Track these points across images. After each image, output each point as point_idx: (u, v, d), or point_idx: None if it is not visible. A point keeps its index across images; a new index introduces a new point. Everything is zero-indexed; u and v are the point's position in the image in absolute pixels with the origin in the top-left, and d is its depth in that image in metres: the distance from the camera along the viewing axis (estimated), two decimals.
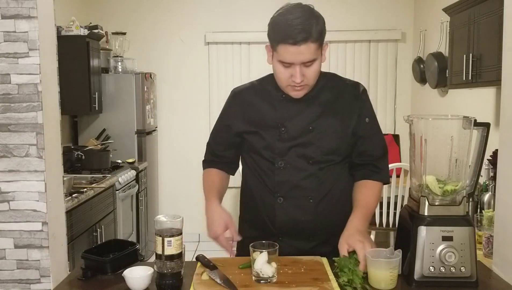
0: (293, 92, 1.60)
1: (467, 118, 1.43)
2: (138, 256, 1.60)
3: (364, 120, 1.67)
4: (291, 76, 1.55)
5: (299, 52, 1.50)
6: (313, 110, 1.64)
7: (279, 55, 1.54)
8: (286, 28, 1.49)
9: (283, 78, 1.58)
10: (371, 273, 1.41)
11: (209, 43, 5.02)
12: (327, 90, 1.67)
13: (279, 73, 1.58)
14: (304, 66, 1.53)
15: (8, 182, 1.51)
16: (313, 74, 1.57)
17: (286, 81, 1.57)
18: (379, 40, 4.95)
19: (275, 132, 1.64)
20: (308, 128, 1.63)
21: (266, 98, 1.69)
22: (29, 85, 1.49)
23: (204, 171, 1.84)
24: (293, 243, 1.65)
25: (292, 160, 1.64)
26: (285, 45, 1.50)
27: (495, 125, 2.88)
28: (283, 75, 1.57)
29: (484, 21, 2.72)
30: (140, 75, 4.41)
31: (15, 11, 1.47)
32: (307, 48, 1.50)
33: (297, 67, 1.53)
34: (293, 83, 1.56)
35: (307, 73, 1.55)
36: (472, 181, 1.51)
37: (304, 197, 1.64)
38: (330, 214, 1.66)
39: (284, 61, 1.53)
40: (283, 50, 1.51)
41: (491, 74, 2.62)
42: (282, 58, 1.53)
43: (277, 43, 1.53)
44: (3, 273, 1.54)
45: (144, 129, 4.46)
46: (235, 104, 1.74)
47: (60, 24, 3.88)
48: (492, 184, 2.67)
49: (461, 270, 1.40)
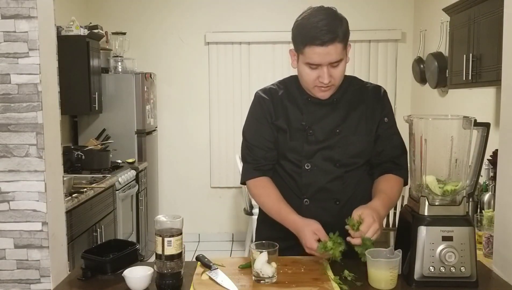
0: (320, 93, 1.62)
1: (467, 118, 1.43)
2: (138, 256, 1.60)
3: (383, 119, 1.70)
4: (318, 77, 1.57)
5: (326, 53, 1.53)
6: (338, 113, 1.67)
7: (307, 58, 1.56)
8: (313, 30, 1.52)
9: (310, 80, 1.60)
10: (371, 273, 1.41)
11: (209, 43, 5.02)
12: (350, 93, 1.70)
13: (305, 75, 1.60)
14: (331, 67, 1.56)
15: (8, 182, 1.51)
16: (339, 74, 1.59)
17: (313, 82, 1.59)
18: (379, 40, 4.95)
19: (303, 134, 1.66)
20: (335, 131, 1.65)
21: (292, 101, 1.70)
22: (29, 85, 1.49)
23: (253, 182, 1.72)
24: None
25: (319, 162, 1.65)
26: (313, 47, 1.52)
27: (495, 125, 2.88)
28: (310, 77, 1.59)
29: (484, 21, 2.72)
30: (140, 75, 4.41)
31: (15, 11, 1.47)
32: (334, 48, 1.53)
33: (325, 68, 1.55)
34: (320, 84, 1.58)
35: (334, 73, 1.57)
36: (472, 181, 1.51)
37: (330, 199, 1.66)
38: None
39: (312, 62, 1.55)
40: (311, 52, 1.53)
41: (491, 74, 2.62)
42: (309, 60, 1.55)
43: (304, 45, 1.55)
44: (3, 273, 1.54)
45: (144, 129, 4.46)
46: (265, 103, 1.71)
47: (60, 24, 3.88)
48: (492, 184, 2.67)
49: (461, 270, 1.40)
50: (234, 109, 5.05)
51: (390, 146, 1.70)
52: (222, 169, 5.08)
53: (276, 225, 1.70)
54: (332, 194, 1.66)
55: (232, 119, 5.07)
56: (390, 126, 1.72)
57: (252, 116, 1.75)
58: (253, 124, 1.74)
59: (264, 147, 1.70)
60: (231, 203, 5.22)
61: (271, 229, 1.72)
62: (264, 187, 1.70)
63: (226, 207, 5.19)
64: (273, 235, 1.65)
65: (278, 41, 4.78)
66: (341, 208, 1.66)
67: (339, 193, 1.66)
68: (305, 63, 1.58)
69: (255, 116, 1.74)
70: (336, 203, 1.67)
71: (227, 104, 5.04)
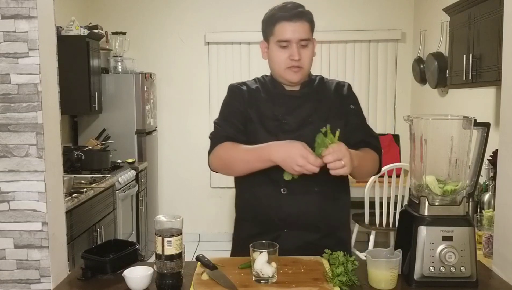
0: (291, 74, 1.67)
1: (467, 118, 1.43)
2: (138, 256, 1.60)
3: (350, 107, 1.76)
4: (289, 56, 1.64)
5: (295, 29, 1.63)
6: (309, 104, 1.73)
7: (277, 36, 1.65)
8: (281, 10, 1.66)
9: (280, 60, 1.67)
10: (371, 273, 1.41)
11: (209, 43, 5.02)
12: (318, 87, 1.78)
13: (276, 57, 1.67)
14: (301, 47, 1.65)
15: (8, 182, 1.51)
16: (308, 57, 1.68)
17: (284, 62, 1.66)
18: (379, 40, 4.95)
19: (277, 124, 1.69)
20: (308, 120, 1.70)
21: (266, 93, 1.75)
22: (29, 85, 1.49)
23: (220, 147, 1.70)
24: (299, 235, 1.67)
25: None
26: (283, 23, 1.64)
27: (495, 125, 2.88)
28: (281, 57, 1.66)
29: (484, 21, 2.72)
30: (140, 75, 4.41)
31: (15, 11, 1.47)
32: (302, 26, 1.64)
33: (294, 45, 1.64)
34: (290, 64, 1.65)
35: (303, 54, 1.65)
36: (472, 181, 1.51)
37: (309, 188, 1.66)
38: (332, 205, 1.71)
39: (283, 39, 1.64)
40: (281, 29, 1.64)
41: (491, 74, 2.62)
42: (280, 37, 1.64)
43: (274, 25, 1.66)
44: (3, 273, 1.53)
45: (144, 129, 4.46)
46: (238, 91, 1.77)
47: (60, 24, 3.88)
48: (492, 184, 2.67)
49: (461, 270, 1.40)
50: None
51: (360, 132, 1.75)
52: None
53: (255, 221, 1.72)
54: (310, 183, 1.64)
55: None
56: (357, 113, 1.78)
57: (224, 105, 1.80)
58: (224, 110, 1.78)
59: (234, 127, 1.72)
60: (231, 203, 5.20)
61: (251, 226, 1.73)
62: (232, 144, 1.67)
63: (226, 207, 5.19)
64: (253, 232, 1.68)
65: None
66: (319, 197, 1.67)
67: (316, 181, 1.63)
68: (276, 43, 1.66)
69: (227, 103, 1.79)
70: (315, 189, 1.67)
71: None
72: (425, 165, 1.45)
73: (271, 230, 1.67)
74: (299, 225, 1.67)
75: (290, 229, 1.67)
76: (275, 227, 1.68)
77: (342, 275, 1.39)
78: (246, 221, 1.78)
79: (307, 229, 1.68)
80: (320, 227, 1.69)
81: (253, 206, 1.73)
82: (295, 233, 1.67)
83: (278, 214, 1.67)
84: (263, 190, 1.69)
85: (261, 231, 1.68)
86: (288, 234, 1.67)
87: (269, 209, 1.68)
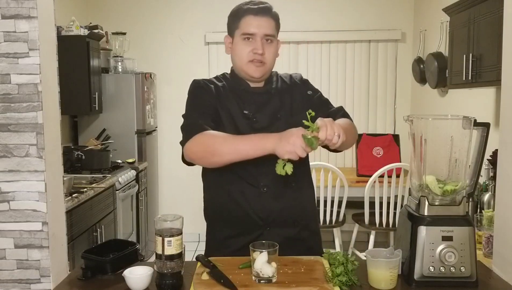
0: (253, 68, 1.69)
1: (467, 118, 1.43)
2: (138, 256, 1.60)
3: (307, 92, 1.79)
4: (253, 49, 1.66)
5: (260, 24, 1.66)
6: (275, 100, 1.74)
7: (242, 29, 1.67)
8: (248, 4, 1.69)
9: (244, 53, 1.68)
10: (371, 273, 1.41)
11: (209, 43, 5.02)
12: (279, 82, 1.80)
13: (240, 50, 1.69)
14: (265, 42, 1.67)
15: (8, 182, 1.51)
16: (271, 53, 1.69)
17: (247, 56, 1.67)
18: (379, 40, 4.95)
19: (247, 122, 1.69)
20: (276, 116, 1.72)
21: (231, 91, 1.75)
22: (29, 85, 1.49)
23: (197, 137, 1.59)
24: (281, 232, 1.67)
25: None
26: (249, 16, 1.66)
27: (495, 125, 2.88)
28: (245, 50, 1.68)
29: (484, 21, 2.72)
30: (140, 75, 4.41)
31: (15, 11, 1.47)
32: (268, 21, 1.67)
33: (259, 39, 1.66)
34: (253, 57, 1.66)
35: (267, 50, 1.67)
36: (472, 181, 1.51)
37: (286, 184, 1.67)
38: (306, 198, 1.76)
39: (247, 32, 1.66)
40: (246, 22, 1.67)
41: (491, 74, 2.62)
42: (245, 29, 1.66)
43: (240, 18, 1.68)
44: (3, 273, 1.54)
45: (144, 129, 4.46)
46: (206, 85, 1.75)
47: (60, 24, 3.88)
48: (492, 184, 2.67)
49: (461, 270, 1.40)
50: None
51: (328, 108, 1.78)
52: None
53: (228, 223, 1.70)
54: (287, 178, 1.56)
55: None
56: (318, 96, 1.81)
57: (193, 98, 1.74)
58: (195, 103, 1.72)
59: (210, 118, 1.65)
60: None
61: (224, 228, 1.72)
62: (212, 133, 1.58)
63: None
64: (227, 235, 1.69)
65: None
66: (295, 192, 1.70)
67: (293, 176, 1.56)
68: (240, 36, 1.68)
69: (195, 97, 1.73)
70: (292, 185, 1.69)
71: None
72: (425, 165, 1.45)
73: (252, 229, 1.66)
74: (280, 222, 1.67)
75: (271, 227, 1.67)
76: (257, 226, 1.67)
77: (342, 275, 1.39)
78: (221, 222, 1.73)
79: (287, 225, 1.69)
80: (299, 221, 1.71)
81: (230, 207, 1.69)
82: (276, 230, 1.67)
83: (260, 213, 1.66)
84: (241, 189, 1.67)
85: (241, 232, 1.67)
86: (270, 231, 1.66)
87: (249, 208, 1.67)
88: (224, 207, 1.71)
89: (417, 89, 4.77)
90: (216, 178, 1.71)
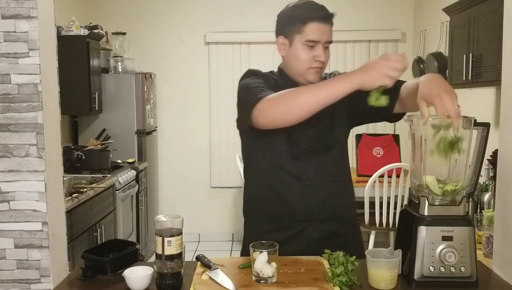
0: (313, 75, 1.67)
1: (467, 118, 1.43)
2: (138, 256, 1.60)
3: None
4: (315, 56, 1.64)
5: (325, 30, 1.63)
6: None
7: (306, 35, 1.62)
8: (312, 9, 1.63)
9: (305, 60, 1.65)
10: (371, 273, 1.41)
11: (209, 43, 5.03)
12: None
13: (300, 55, 1.65)
14: (324, 48, 1.65)
15: (8, 182, 1.51)
16: (328, 58, 1.69)
17: (308, 63, 1.65)
18: (379, 40, 4.95)
19: None
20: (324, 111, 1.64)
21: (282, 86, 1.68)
22: (29, 85, 1.49)
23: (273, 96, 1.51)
24: (322, 226, 1.69)
25: (313, 143, 1.69)
26: (315, 23, 1.61)
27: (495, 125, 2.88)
28: (306, 56, 1.64)
29: (484, 21, 2.72)
30: (140, 75, 4.41)
31: (15, 11, 1.47)
32: (330, 28, 1.65)
33: (321, 46, 1.63)
34: (315, 64, 1.65)
35: (326, 55, 1.66)
36: (472, 181, 1.51)
37: (328, 177, 1.70)
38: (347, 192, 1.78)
39: (312, 39, 1.62)
40: (312, 29, 1.61)
41: (491, 74, 2.62)
42: (310, 36, 1.62)
43: (304, 23, 1.62)
44: (3, 273, 1.54)
45: (144, 129, 4.46)
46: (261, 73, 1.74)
47: (60, 24, 3.88)
48: (492, 184, 2.67)
49: (461, 270, 1.40)
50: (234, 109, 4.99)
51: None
52: (222, 169, 5.08)
53: (267, 218, 1.72)
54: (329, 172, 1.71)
55: (232, 119, 5.02)
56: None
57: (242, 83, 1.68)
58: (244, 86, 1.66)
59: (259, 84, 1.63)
60: (231, 203, 5.22)
61: (263, 223, 1.73)
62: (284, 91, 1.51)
63: (226, 207, 5.18)
64: (265, 229, 1.69)
65: None
66: (336, 186, 1.72)
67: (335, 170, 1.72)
68: (303, 43, 1.63)
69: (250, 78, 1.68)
70: (333, 180, 1.71)
71: (227, 104, 5.03)
72: (425, 165, 1.45)
73: (293, 224, 1.68)
74: (321, 216, 1.69)
75: (313, 221, 1.68)
76: (298, 221, 1.68)
77: (342, 275, 1.39)
78: (261, 217, 1.75)
79: (328, 219, 1.70)
80: (340, 216, 1.72)
81: (273, 201, 1.71)
82: (317, 224, 1.68)
83: (303, 206, 1.68)
84: (284, 182, 1.69)
85: (281, 226, 1.69)
86: (311, 226, 1.68)
87: (292, 201, 1.68)
88: (266, 201, 1.72)
89: None
90: (259, 173, 1.74)
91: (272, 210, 1.71)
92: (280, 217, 1.70)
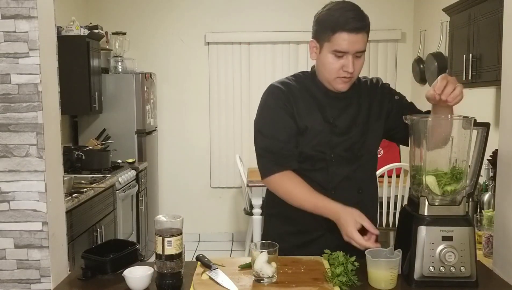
0: (341, 84, 1.62)
1: (467, 118, 1.43)
2: (138, 256, 1.60)
3: (394, 98, 1.75)
4: (342, 66, 1.58)
5: (355, 41, 1.55)
6: (353, 105, 1.70)
7: (334, 44, 1.56)
8: (343, 16, 1.54)
9: (333, 69, 1.59)
10: (371, 273, 1.41)
11: (209, 43, 5.03)
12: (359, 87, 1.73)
13: (329, 64, 1.60)
14: (355, 57, 1.58)
15: (8, 182, 1.51)
16: (360, 66, 1.62)
17: (336, 72, 1.60)
18: (379, 40, 4.95)
19: (328, 127, 1.66)
20: (355, 121, 1.68)
21: (310, 95, 1.69)
22: (29, 85, 1.49)
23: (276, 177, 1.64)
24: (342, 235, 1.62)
25: (342, 153, 1.67)
26: (343, 33, 1.54)
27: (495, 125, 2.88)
28: (334, 66, 1.59)
29: (484, 21, 2.72)
30: (140, 75, 4.41)
31: (15, 11, 1.47)
32: (362, 37, 1.56)
33: (350, 57, 1.56)
34: (343, 74, 1.59)
35: (356, 65, 1.59)
36: (472, 181, 1.51)
37: (354, 189, 1.70)
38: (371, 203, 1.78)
39: (340, 50, 1.56)
40: (340, 39, 1.54)
41: (491, 74, 2.62)
42: (338, 47, 1.55)
43: (333, 32, 1.55)
44: (3, 273, 1.54)
45: (144, 129, 4.46)
46: (282, 93, 1.67)
47: (60, 24, 3.88)
48: (492, 184, 2.67)
49: (461, 270, 1.40)
50: (234, 109, 5.05)
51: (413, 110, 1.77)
52: (222, 169, 5.08)
53: (288, 220, 1.71)
54: (356, 183, 1.70)
55: (232, 119, 5.07)
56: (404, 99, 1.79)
57: (267, 107, 1.69)
58: (267, 115, 1.68)
59: (282, 138, 1.64)
60: (231, 203, 5.22)
61: (284, 224, 1.73)
62: (291, 179, 1.63)
63: (226, 207, 5.19)
64: (286, 231, 1.69)
65: (278, 41, 4.78)
66: (362, 197, 1.70)
67: (361, 181, 1.71)
68: (331, 52, 1.58)
69: (270, 106, 1.68)
70: (359, 192, 1.70)
71: (227, 104, 5.04)
72: (425, 165, 1.45)
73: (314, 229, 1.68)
74: None
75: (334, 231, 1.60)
76: (319, 227, 1.66)
77: (342, 275, 1.39)
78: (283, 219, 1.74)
79: None
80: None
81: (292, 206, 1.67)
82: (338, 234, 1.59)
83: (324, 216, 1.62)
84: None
85: (302, 229, 1.70)
86: (332, 234, 1.62)
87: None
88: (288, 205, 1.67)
89: (417, 89, 4.77)
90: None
91: (297, 214, 1.67)
92: (303, 222, 1.68)
